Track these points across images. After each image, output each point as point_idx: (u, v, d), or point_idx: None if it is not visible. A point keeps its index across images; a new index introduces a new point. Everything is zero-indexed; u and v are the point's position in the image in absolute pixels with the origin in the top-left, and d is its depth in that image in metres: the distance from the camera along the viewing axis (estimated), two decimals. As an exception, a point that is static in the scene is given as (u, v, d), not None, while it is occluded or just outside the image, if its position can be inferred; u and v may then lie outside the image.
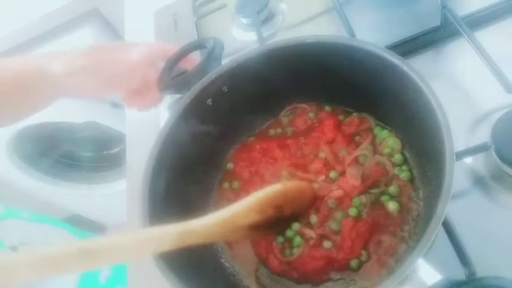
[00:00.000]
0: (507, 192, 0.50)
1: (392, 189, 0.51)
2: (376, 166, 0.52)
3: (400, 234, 0.48)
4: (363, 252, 0.49)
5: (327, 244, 0.50)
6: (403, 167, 0.52)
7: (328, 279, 0.50)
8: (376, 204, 0.51)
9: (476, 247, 0.45)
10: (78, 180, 1.60)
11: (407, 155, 0.53)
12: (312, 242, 0.50)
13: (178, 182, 0.53)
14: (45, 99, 0.62)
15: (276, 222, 0.49)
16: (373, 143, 0.54)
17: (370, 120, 0.56)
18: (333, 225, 0.51)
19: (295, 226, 0.52)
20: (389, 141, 0.53)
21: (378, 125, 0.55)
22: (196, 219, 0.42)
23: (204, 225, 0.42)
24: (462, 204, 0.50)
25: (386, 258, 0.48)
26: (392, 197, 0.51)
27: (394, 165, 0.52)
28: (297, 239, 0.51)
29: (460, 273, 0.44)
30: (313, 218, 0.52)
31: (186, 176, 0.55)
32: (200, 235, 0.42)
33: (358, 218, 0.50)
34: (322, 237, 0.51)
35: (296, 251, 0.51)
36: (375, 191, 0.52)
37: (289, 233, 0.52)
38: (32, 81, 0.58)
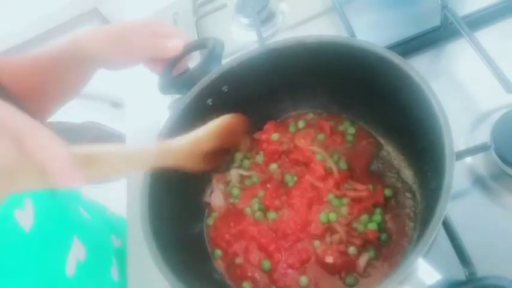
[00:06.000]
0: (507, 192, 0.50)
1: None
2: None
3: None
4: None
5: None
6: None
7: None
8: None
9: (476, 247, 0.45)
10: (78, 180, 1.59)
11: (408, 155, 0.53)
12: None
13: (178, 181, 0.53)
14: (82, 75, 0.67)
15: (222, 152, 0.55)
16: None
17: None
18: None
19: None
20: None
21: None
22: (171, 140, 0.49)
23: (178, 145, 0.49)
24: (462, 204, 0.50)
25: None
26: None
27: None
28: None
29: (460, 273, 0.44)
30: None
31: (185, 175, 0.54)
32: (175, 155, 0.48)
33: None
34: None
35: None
36: None
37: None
38: (67, 57, 0.63)
